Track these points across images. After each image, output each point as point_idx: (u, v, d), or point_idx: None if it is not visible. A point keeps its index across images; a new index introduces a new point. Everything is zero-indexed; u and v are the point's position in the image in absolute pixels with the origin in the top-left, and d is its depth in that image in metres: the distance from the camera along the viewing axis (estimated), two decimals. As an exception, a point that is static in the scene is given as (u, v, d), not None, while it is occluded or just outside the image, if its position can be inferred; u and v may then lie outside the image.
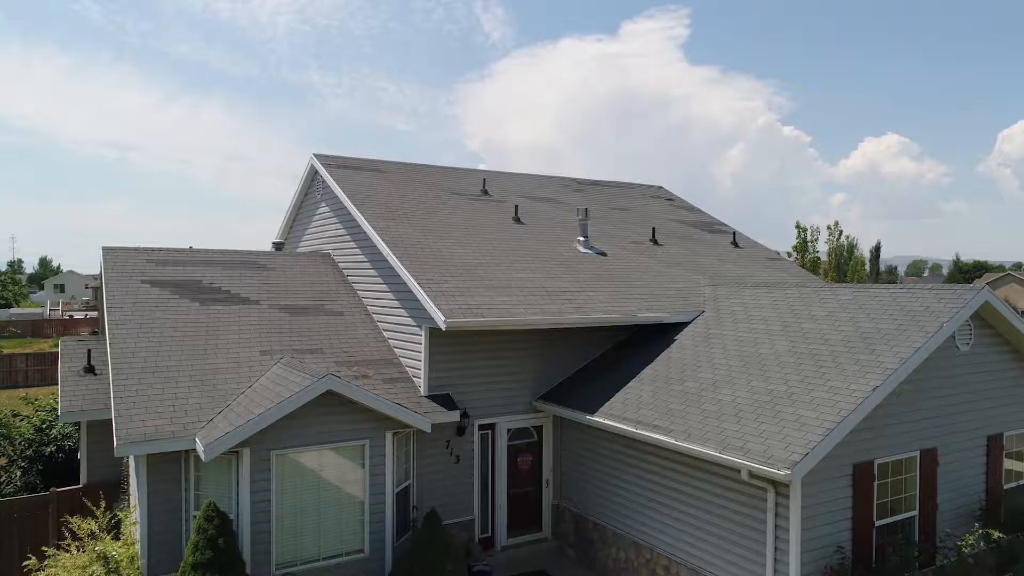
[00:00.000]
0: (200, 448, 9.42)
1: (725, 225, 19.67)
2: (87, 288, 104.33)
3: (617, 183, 21.17)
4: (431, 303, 11.29)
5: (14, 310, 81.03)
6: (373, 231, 13.31)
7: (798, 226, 32.38)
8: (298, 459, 10.22)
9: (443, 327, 10.96)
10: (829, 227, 32.04)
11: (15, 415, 15.71)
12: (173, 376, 10.79)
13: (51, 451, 14.61)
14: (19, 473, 14.56)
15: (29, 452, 14.76)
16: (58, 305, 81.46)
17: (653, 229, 17.16)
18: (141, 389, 10.37)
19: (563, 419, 12.99)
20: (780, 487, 8.95)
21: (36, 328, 57.02)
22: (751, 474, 8.90)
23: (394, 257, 12.52)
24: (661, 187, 21.90)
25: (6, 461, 15.02)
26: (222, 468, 9.92)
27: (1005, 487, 11.21)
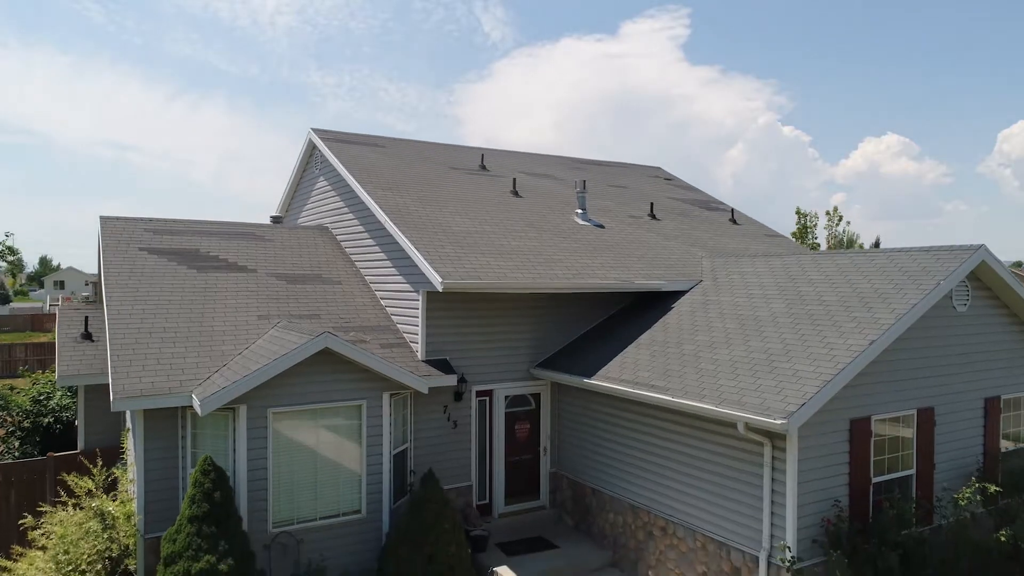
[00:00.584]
0: (196, 403, 9.41)
1: (723, 204, 19.67)
2: (87, 284, 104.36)
3: (615, 163, 21.17)
4: (428, 266, 11.28)
5: (14, 304, 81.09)
6: (371, 200, 13.30)
7: (798, 212, 32.29)
8: (295, 418, 10.21)
9: (440, 288, 10.95)
10: (828, 212, 31.70)
11: (12, 388, 15.70)
12: (170, 337, 10.79)
13: (49, 422, 14.61)
14: (17, 444, 14.56)
15: (26, 423, 14.76)
16: (58, 300, 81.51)
17: (651, 204, 17.16)
18: (138, 348, 10.37)
19: (560, 386, 13.00)
20: (776, 440, 8.95)
21: (36, 322, 57.13)
22: (747, 427, 8.90)
23: (392, 224, 12.52)
24: (659, 168, 21.89)
25: (4, 432, 15.03)
26: (219, 425, 9.92)
27: (1003, 450, 11.19)
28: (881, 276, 10.73)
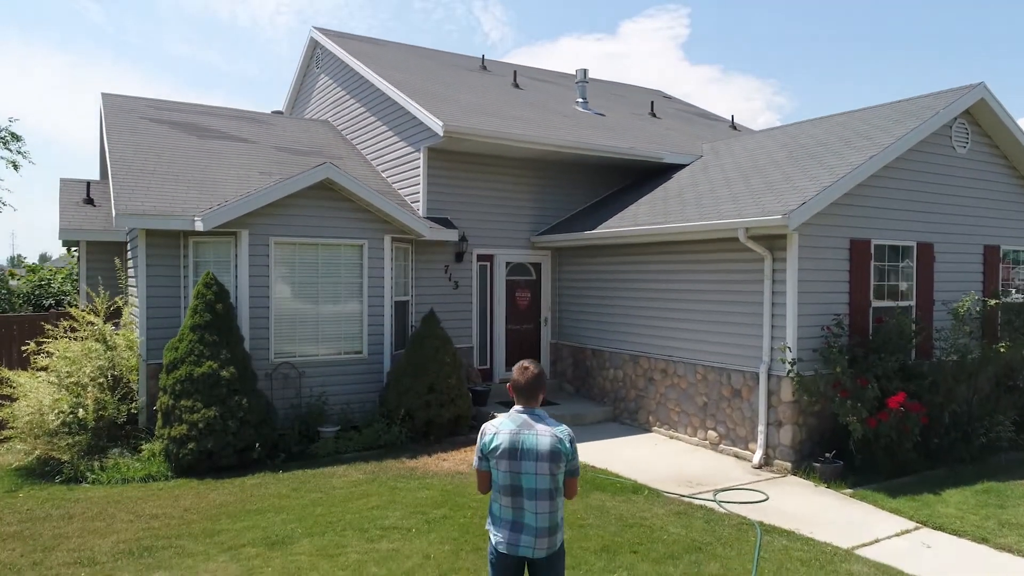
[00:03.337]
0: (199, 221, 9.44)
1: (723, 116, 19.72)
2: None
3: (617, 83, 21.19)
4: (430, 115, 11.31)
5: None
6: (374, 73, 13.35)
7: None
8: (297, 250, 10.24)
9: (441, 133, 10.97)
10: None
11: (13, 276, 15.71)
12: (172, 179, 10.82)
13: (50, 304, 14.61)
14: (18, 328, 14.54)
15: (28, 309, 14.75)
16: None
17: (652, 103, 17.20)
18: (140, 185, 10.39)
19: (561, 254, 13.05)
20: (777, 252, 8.98)
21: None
22: (748, 234, 8.91)
23: (394, 88, 12.55)
24: (660, 91, 21.92)
25: (5, 320, 15.00)
26: (221, 252, 9.95)
27: (1003, 300, 11.20)
28: (882, 118, 10.78)
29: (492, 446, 3.86)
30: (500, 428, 3.87)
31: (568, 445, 3.84)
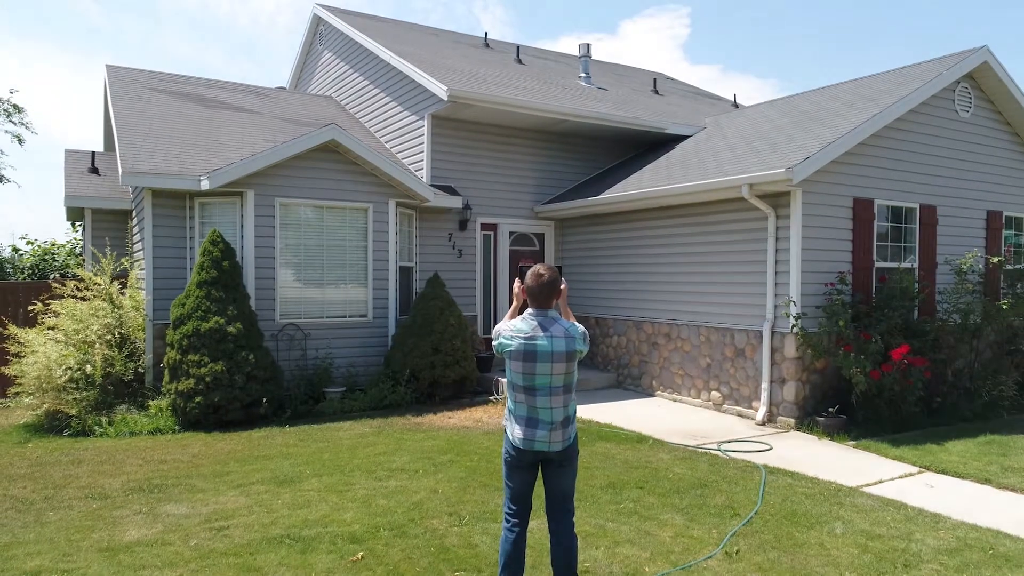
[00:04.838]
0: (205, 180, 9.48)
1: (726, 96, 19.74)
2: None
3: (619, 64, 21.20)
4: (434, 81, 11.34)
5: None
6: (378, 44, 13.38)
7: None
8: (302, 212, 10.28)
9: (445, 97, 11.00)
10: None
11: (16, 251, 15.75)
12: (177, 142, 10.87)
13: (55, 276, 14.66)
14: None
15: (30, 280, 14.79)
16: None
17: (654, 80, 17.23)
18: (146, 147, 10.44)
19: (564, 225, 13.08)
20: (780, 209, 9.03)
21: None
22: (752, 190, 8.95)
23: (398, 58, 12.59)
24: (662, 72, 21.94)
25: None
26: (226, 213, 9.99)
27: (1005, 267, 11.23)
28: (886, 83, 10.81)
29: (506, 349, 3.90)
30: (515, 332, 3.91)
31: (582, 343, 3.90)
